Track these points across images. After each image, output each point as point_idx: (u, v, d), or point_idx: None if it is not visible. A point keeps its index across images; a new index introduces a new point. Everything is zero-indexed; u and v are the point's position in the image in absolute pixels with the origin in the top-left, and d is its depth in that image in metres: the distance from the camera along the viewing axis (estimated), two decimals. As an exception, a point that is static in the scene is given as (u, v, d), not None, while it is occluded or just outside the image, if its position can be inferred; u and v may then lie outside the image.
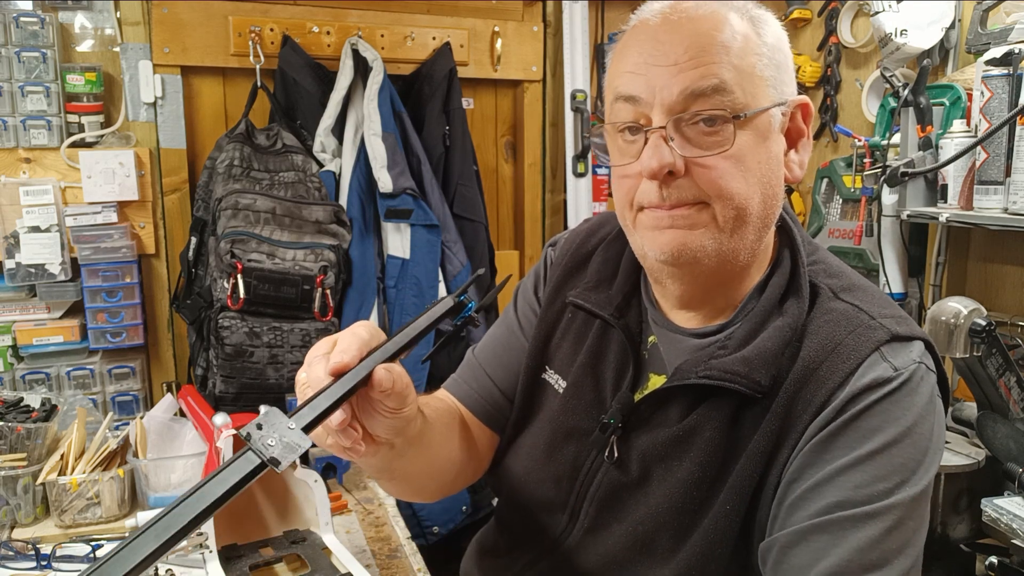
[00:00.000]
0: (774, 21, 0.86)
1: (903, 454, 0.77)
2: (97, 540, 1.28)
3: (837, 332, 0.81)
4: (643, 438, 0.86)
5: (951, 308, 1.51)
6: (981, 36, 1.74)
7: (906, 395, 0.79)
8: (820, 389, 0.79)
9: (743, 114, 0.77)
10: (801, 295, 0.85)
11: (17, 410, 1.47)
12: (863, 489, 0.75)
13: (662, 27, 0.80)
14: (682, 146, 0.78)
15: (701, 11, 0.81)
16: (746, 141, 0.79)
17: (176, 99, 1.99)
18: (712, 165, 0.78)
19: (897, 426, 0.77)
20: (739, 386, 0.80)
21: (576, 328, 0.98)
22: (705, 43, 0.78)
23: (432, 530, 1.99)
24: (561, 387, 0.96)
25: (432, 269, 2.01)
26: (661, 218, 0.80)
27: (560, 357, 0.98)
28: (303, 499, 1.27)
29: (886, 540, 0.75)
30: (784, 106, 0.83)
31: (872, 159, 1.88)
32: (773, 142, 0.82)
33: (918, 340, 0.83)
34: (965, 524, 1.59)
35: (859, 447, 0.77)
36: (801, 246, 0.89)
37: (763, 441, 0.80)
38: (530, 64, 2.36)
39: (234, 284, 1.75)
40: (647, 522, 0.85)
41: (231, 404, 1.78)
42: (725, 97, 0.77)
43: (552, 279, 1.03)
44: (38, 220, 1.82)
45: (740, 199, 0.79)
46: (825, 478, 0.77)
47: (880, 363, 0.79)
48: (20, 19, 1.80)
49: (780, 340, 0.82)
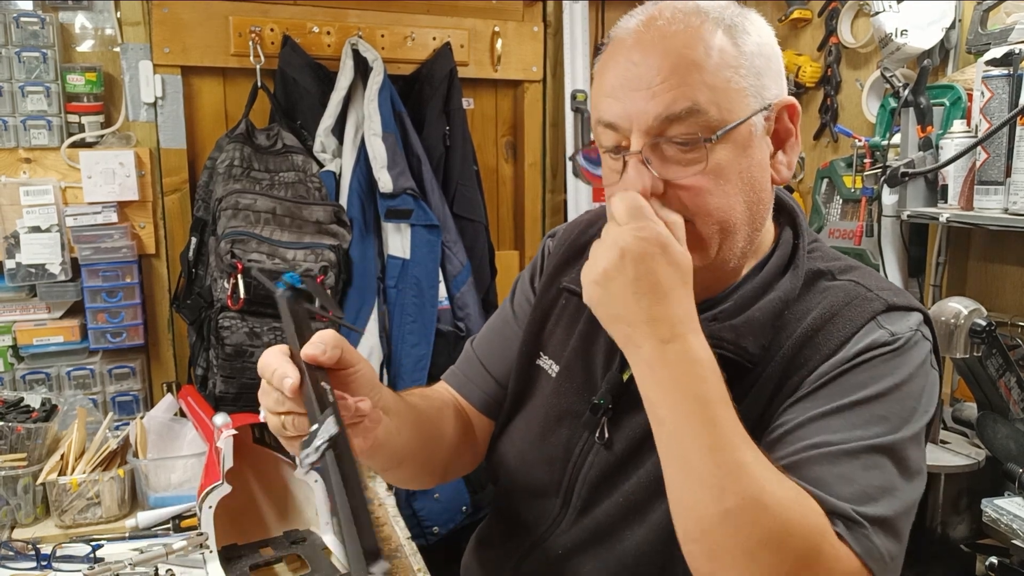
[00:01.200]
0: (756, 22, 0.85)
1: (885, 408, 0.78)
2: (97, 540, 1.28)
3: (835, 304, 0.84)
4: (634, 418, 0.87)
5: (951, 308, 1.51)
6: (981, 36, 1.74)
7: (898, 356, 0.80)
8: (815, 355, 0.81)
9: (715, 135, 0.79)
10: (797, 272, 0.87)
11: (17, 410, 1.47)
12: (839, 433, 0.76)
13: (636, 48, 0.81)
14: (660, 167, 0.80)
15: (673, 28, 0.81)
16: (724, 155, 0.80)
17: (176, 99, 1.99)
18: (690, 185, 0.80)
19: (883, 383, 0.79)
20: (726, 351, 0.81)
21: (569, 313, 1.00)
22: (677, 64, 0.78)
23: (432, 530, 1.99)
24: (554, 371, 0.98)
25: (432, 269, 2.01)
26: None
27: (554, 343, 1.00)
28: (303, 499, 1.27)
29: (863, 476, 0.74)
30: (767, 110, 0.83)
31: (872, 159, 1.88)
32: (756, 148, 0.83)
33: (916, 311, 0.85)
34: (965, 524, 1.59)
35: (842, 398, 0.78)
36: (803, 228, 0.91)
37: (755, 406, 0.82)
38: (530, 64, 2.36)
39: (234, 284, 1.75)
40: (639, 491, 0.86)
41: (231, 404, 1.78)
42: (700, 118, 0.78)
43: (548, 268, 1.05)
44: (38, 220, 1.82)
45: (720, 213, 0.81)
46: (804, 422, 0.78)
47: (877, 330, 0.81)
48: (20, 19, 1.80)
49: (770, 311, 0.84)
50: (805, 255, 0.88)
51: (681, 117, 0.78)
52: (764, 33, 0.85)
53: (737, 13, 0.83)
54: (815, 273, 0.88)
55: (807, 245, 0.90)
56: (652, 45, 0.80)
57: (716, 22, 0.81)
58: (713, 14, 0.82)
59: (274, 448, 1.26)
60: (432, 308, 2.01)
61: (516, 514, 1.00)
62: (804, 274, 0.87)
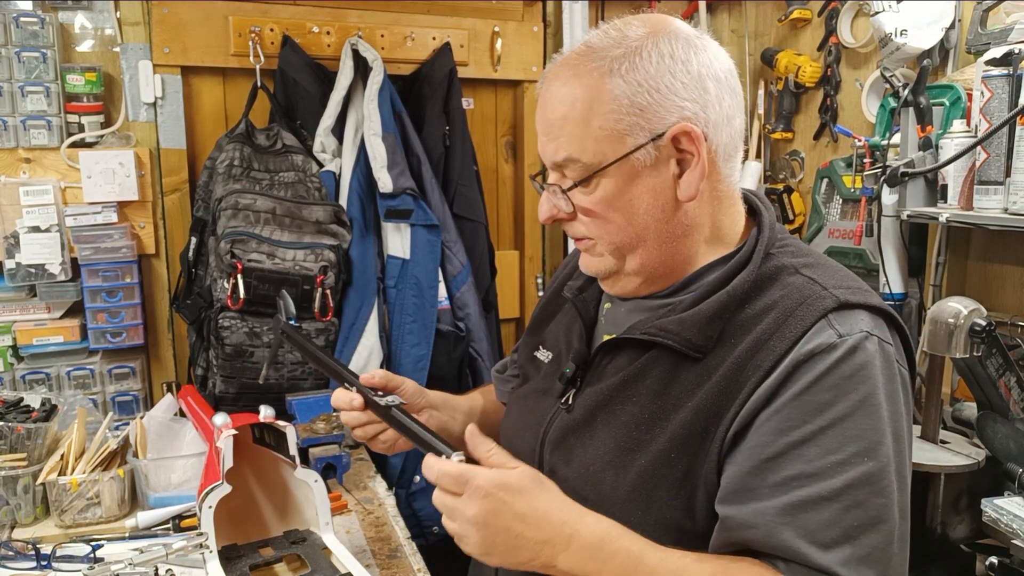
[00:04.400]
0: (663, 53, 0.87)
1: (855, 425, 0.81)
2: (97, 540, 1.28)
3: (790, 305, 0.87)
4: (595, 387, 0.97)
5: (951, 308, 1.51)
6: (981, 36, 1.74)
7: (856, 368, 0.83)
8: (769, 356, 0.85)
9: (584, 179, 0.90)
10: (751, 268, 0.92)
11: (17, 410, 1.47)
12: (815, 462, 0.80)
13: (542, 92, 0.94)
14: (554, 199, 0.94)
15: (560, 79, 0.91)
16: (610, 188, 0.90)
17: (176, 99, 1.99)
18: (588, 209, 0.92)
19: (847, 401, 0.82)
20: (671, 342, 0.90)
21: (564, 311, 1.12)
22: (553, 119, 0.90)
23: (432, 530, 1.99)
24: (547, 360, 1.10)
25: (432, 269, 2.01)
26: (576, 244, 0.99)
27: (550, 337, 1.12)
28: (303, 499, 1.27)
29: (845, 518, 0.79)
30: (657, 140, 0.87)
31: (872, 159, 1.88)
32: (648, 176, 0.89)
33: (869, 310, 0.87)
34: (965, 524, 1.59)
35: (811, 421, 0.82)
36: (766, 227, 0.95)
37: (710, 399, 0.86)
38: (530, 64, 2.36)
39: (234, 284, 1.75)
40: (596, 462, 0.93)
41: (231, 404, 1.78)
42: (575, 164, 0.90)
43: (563, 272, 1.19)
44: (38, 220, 1.82)
45: (611, 236, 0.93)
46: (783, 450, 0.82)
47: (826, 330, 0.84)
48: (20, 19, 1.80)
49: (717, 305, 0.90)
50: (761, 253, 0.92)
51: (563, 164, 0.91)
52: (664, 61, 0.87)
53: (624, 53, 0.87)
54: (779, 268, 0.92)
55: (778, 242, 0.95)
56: (548, 93, 0.92)
57: (594, 70, 0.88)
58: (596, 60, 0.88)
59: (274, 448, 1.26)
60: (432, 308, 2.01)
61: None
62: (766, 268, 0.92)
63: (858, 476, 0.80)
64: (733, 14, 2.54)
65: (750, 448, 0.84)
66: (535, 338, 1.15)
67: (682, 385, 0.89)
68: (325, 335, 1.87)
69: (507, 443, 1.10)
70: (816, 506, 0.79)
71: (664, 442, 0.88)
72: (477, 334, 2.10)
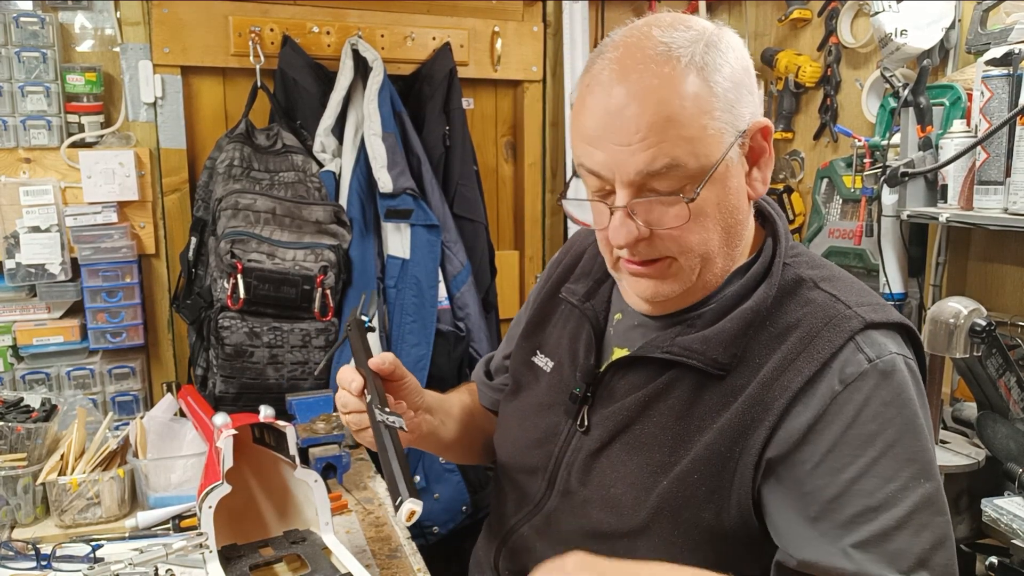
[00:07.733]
0: (726, 49, 0.84)
1: (905, 451, 0.81)
2: (97, 540, 1.28)
3: (815, 323, 0.86)
4: (609, 407, 0.94)
5: (951, 308, 1.51)
6: (981, 36, 1.74)
7: (894, 393, 0.82)
8: (797, 377, 0.83)
9: (696, 192, 0.81)
10: (772, 282, 0.89)
11: (17, 410, 1.47)
12: (877, 494, 0.80)
13: (612, 95, 0.81)
14: (646, 216, 0.84)
15: (647, 78, 0.80)
16: (705, 197, 0.83)
17: (176, 99, 1.99)
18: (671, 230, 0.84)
19: (892, 428, 0.81)
20: (696, 362, 0.87)
21: (564, 316, 1.08)
22: (654, 121, 0.79)
23: (432, 530, 1.99)
24: (548, 367, 1.06)
25: (432, 269, 2.01)
26: (636, 270, 0.89)
27: (550, 343, 1.08)
28: (303, 499, 1.27)
29: (916, 543, 0.79)
30: (743, 136, 0.85)
31: (872, 159, 1.88)
32: (733, 177, 0.85)
33: (895, 328, 0.87)
34: (965, 524, 1.59)
35: (863, 453, 0.81)
36: (783, 236, 0.93)
37: (736, 420, 0.85)
38: (530, 64, 2.36)
39: (234, 284, 1.75)
40: (616, 484, 0.91)
41: (231, 404, 1.78)
42: (680, 171, 0.81)
43: (560, 271, 1.13)
44: (38, 220, 1.82)
45: (701, 247, 0.86)
46: (845, 488, 0.81)
47: (856, 354, 0.83)
48: (20, 19, 1.80)
49: (742, 321, 0.87)
50: (781, 266, 0.90)
51: (662, 173, 0.81)
52: (736, 58, 0.85)
53: (705, 49, 0.82)
54: (798, 281, 0.90)
55: (790, 252, 0.93)
56: (629, 96, 0.80)
57: (688, 66, 0.81)
58: (684, 57, 0.81)
59: (274, 448, 1.26)
60: (432, 308, 2.01)
61: (506, 493, 1.08)
62: (784, 282, 0.90)
63: (919, 500, 0.80)
64: (733, 14, 2.54)
65: (808, 494, 0.82)
66: (531, 342, 1.11)
67: (706, 406, 0.87)
68: (325, 335, 1.87)
69: (508, 458, 1.08)
70: (888, 537, 0.79)
71: (687, 463, 0.87)
72: (477, 334, 2.10)
